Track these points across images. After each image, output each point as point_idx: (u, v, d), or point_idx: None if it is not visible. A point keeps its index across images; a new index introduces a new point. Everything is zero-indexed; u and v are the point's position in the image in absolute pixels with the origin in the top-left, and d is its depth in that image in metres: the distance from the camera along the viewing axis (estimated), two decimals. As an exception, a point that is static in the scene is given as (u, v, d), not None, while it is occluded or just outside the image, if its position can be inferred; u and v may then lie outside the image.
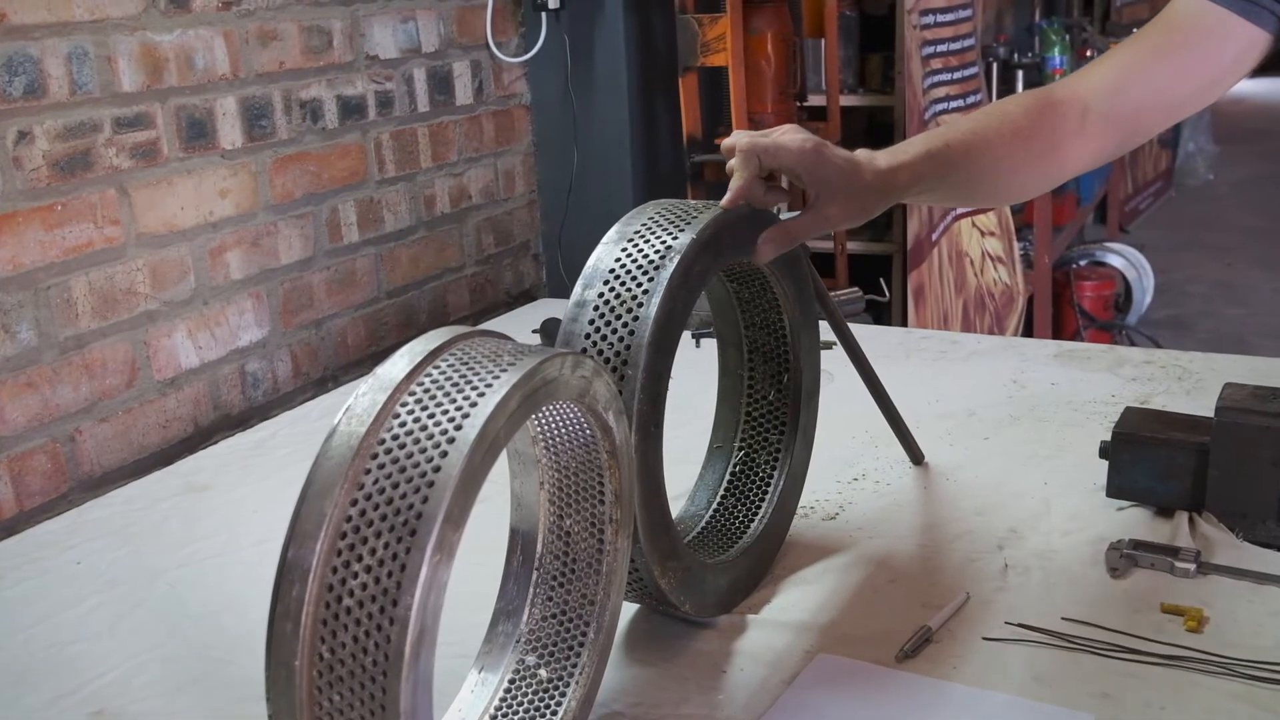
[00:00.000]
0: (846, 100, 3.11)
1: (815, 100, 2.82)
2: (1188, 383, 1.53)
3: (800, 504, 1.21)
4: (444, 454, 0.66)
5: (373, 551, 0.64)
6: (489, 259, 2.23)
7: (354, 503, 0.66)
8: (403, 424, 0.68)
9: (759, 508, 1.14)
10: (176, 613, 1.12)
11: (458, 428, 0.67)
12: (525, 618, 0.90)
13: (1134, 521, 1.18)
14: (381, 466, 0.67)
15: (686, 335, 1.86)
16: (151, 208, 1.54)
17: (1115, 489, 1.20)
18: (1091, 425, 1.41)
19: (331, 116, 1.82)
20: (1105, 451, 1.21)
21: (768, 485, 1.16)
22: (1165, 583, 1.06)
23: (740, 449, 1.18)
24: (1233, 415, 1.12)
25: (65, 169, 1.44)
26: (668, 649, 1.01)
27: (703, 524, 1.14)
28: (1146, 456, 1.17)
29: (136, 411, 1.54)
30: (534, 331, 1.85)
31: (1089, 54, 4.57)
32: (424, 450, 0.66)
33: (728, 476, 1.17)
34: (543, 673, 0.88)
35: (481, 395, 0.69)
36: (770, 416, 1.18)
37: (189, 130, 1.59)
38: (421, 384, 0.71)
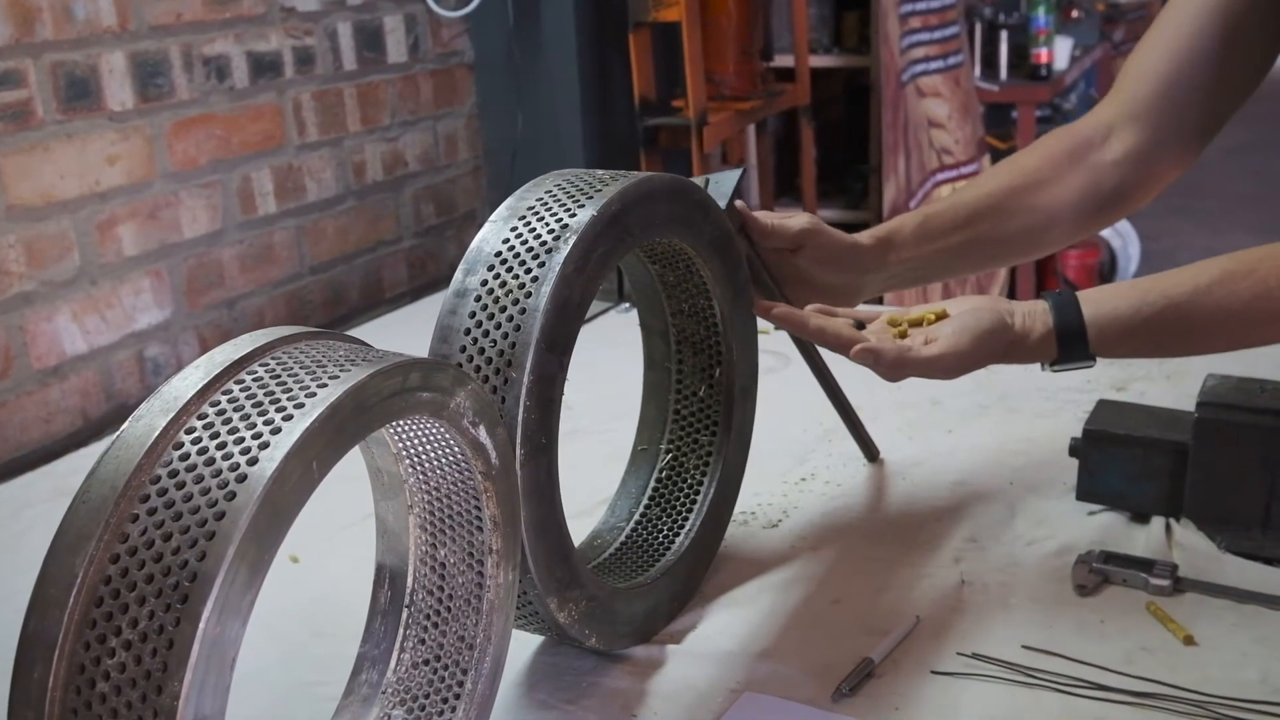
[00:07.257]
0: (819, 61, 2.98)
1: (783, 60, 2.68)
2: (1168, 366, 1.42)
3: (740, 509, 1.08)
4: (231, 496, 0.52)
5: (134, 623, 0.50)
6: (429, 230, 2.09)
7: (115, 559, 0.52)
8: (185, 456, 0.54)
9: (686, 519, 1.01)
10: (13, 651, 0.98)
11: (252, 462, 0.53)
12: (393, 664, 0.77)
13: (1106, 528, 1.06)
14: (153, 512, 0.53)
15: (631, 318, 1.72)
16: (25, 176, 1.38)
17: (1086, 492, 1.09)
18: (1065, 415, 1.29)
19: (241, 75, 1.66)
20: (1075, 450, 1.10)
21: (697, 493, 1.03)
22: (1137, 602, 0.94)
23: (668, 451, 1.05)
24: (1214, 411, 1.01)
25: (-82, 133, 1.29)
26: (572, 687, 0.89)
27: (622, 539, 1.01)
28: (1119, 456, 1.07)
29: (12, 405, 1.39)
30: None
31: (1074, 14, 4.40)
32: (207, 491, 0.53)
33: (653, 483, 1.04)
34: (410, 729, 0.75)
35: (289, 419, 0.55)
36: (701, 415, 1.05)
37: (69, 90, 1.43)
38: (217, 404, 0.57)
